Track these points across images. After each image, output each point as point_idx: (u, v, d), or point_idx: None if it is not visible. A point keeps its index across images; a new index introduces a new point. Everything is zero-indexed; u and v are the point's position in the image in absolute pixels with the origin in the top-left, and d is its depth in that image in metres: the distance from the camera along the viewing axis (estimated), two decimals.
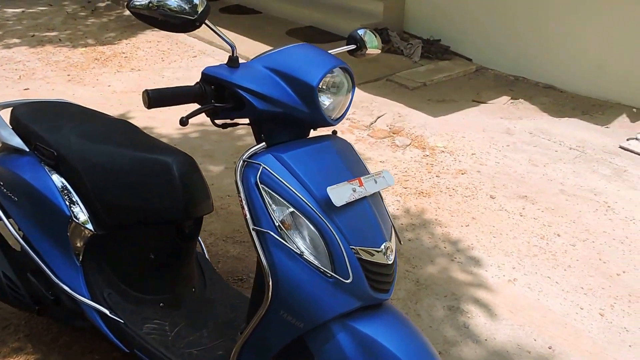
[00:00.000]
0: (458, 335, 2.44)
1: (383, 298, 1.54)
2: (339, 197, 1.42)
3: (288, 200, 1.43)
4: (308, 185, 1.45)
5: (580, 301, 2.70)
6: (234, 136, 4.32)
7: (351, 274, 1.43)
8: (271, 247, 1.43)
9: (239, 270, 2.87)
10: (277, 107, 1.48)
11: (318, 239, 1.44)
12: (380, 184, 1.54)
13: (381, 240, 1.51)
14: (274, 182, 1.44)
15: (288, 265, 1.43)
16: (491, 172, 3.91)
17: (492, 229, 3.23)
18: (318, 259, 1.43)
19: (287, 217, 1.43)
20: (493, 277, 2.83)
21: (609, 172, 4.03)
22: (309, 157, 1.52)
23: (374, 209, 1.55)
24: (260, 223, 1.43)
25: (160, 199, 1.93)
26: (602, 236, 3.23)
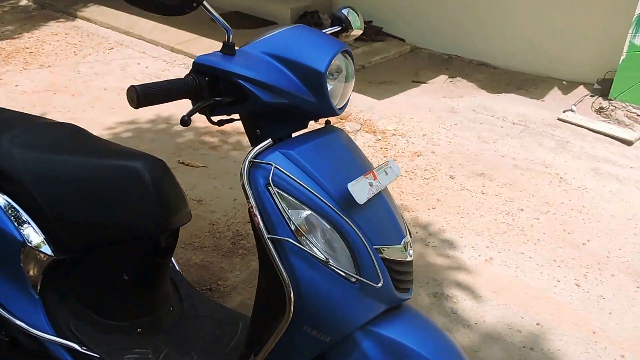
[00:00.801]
0: (448, 323, 2.40)
1: (406, 298, 1.45)
2: (360, 193, 1.30)
3: (304, 201, 1.29)
4: (323, 184, 1.31)
5: (555, 274, 2.73)
6: (172, 133, 4.07)
7: (381, 277, 1.31)
8: (290, 256, 1.28)
9: (205, 279, 2.69)
10: (283, 98, 1.32)
11: (340, 242, 1.31)
12: (390, 176, 1.44)
13: (401, 236, 1.41)
14: (287, 182, 1.29)
15: (311, 275, 1.29)
16: (445, 152, 3.91)
17: (459, 209, 3.22)
18: (342, 264, 1.31)
19: (304, 221, 1.29)
20: (470, 258, 2.82)
21: (554, 144, 4.14)
22: (319, 151, 1.38)
23: (389, 203, 1.44)
24: (276, 230, 1.28)
25: (131, 211, 1.68)
26: (561, 207, 3.30)
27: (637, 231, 3.10)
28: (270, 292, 1.43)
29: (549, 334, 2.36)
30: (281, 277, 1.29)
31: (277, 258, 1.28)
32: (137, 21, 6.29)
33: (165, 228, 1.75)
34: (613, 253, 2.91)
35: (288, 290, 1.29)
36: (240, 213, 3.12)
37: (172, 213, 1.75)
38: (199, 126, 4.14)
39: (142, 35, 6.06)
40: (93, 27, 6.25)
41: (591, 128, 4.38)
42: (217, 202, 3.24)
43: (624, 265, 2.82)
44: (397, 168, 1.47)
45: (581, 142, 4.19)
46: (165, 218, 1.71)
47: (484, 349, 2.27)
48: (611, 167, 3.83)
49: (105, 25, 6.39)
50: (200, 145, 3.92)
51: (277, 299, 1.35)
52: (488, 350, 2.26)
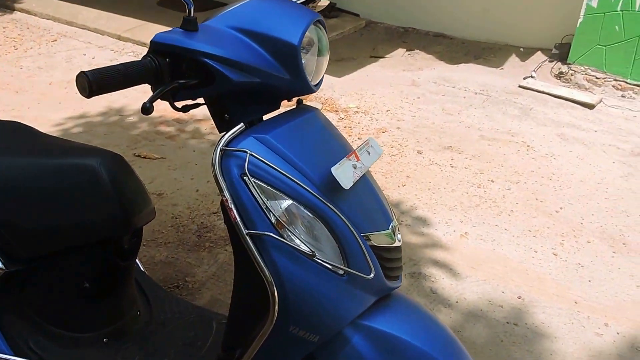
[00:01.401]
0: (429, 303, 2.31)
1: (396, 286, 1.34)
2: (345, 177, 1.17)
3: (284, 190, 1.16)
4: (304, 169, 1.18)
5: (532, 244, 2.68)
6: (126, 125, 3.86)
7: (372, 267, 1.20)
8: (272, 251, 1.15)
9: (172, 276, 2.53)
10: (254, 76, 1.17)
11: (325, 232, 1.19)
12: (373, 155, 1.32)
13: (388, 221, 1.30)
14: (265, 171, 1.15)
15: (296, 271, 1.17)
16: (411, 127, 3.82)
17: (429, 185, 3.14)
18: (328, 256, 1.18)
19: (285, 212, 1.16)
20: (445, 234, 2.74)
21: (517, 112, 4.10)
22: (297, 134, 1.25)
23: (374, 186, 1.33)
24: (255, 224, 1.15)
25: (89, 213, 1.54)
26: (531, 176, 3.26)
27: (607, 195, 3.09)
28: (249, 292, 1.30)
29: (531, 307, 2.31)
30: (263, 275, 1.16)
31: (258, 255, 1.15)
32: (79, 10, 5.96)
33: (127, 229, 1.61)
34: (587, 219, 2.88)
35: (271, 289, 1.16)
36: (204, 204, 2.96)
37: (134, 212, 1.60)
38: (153, 116, 3.93)
39: (86, 24, 5.74)
40: (33, 19, 5.88)
41: (552, 93, 4.36)
42: (179, 195, 3.07)
43: (599, 231, 2.79)
44: (379, 147, 1.35)
45: (544, 108, 4.17)
46: (127, 218, 1.57)
47: (467, 328, 2.20)
48: (576, 131, 3.81)
49: (45, 17, 6.03)
50: (156, 136, 3.72)
51: (258, 298, 1.22)
52: (472, 329, 2.19)
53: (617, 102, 4.23)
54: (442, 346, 1.31)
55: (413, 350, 1.25)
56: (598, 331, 2.20)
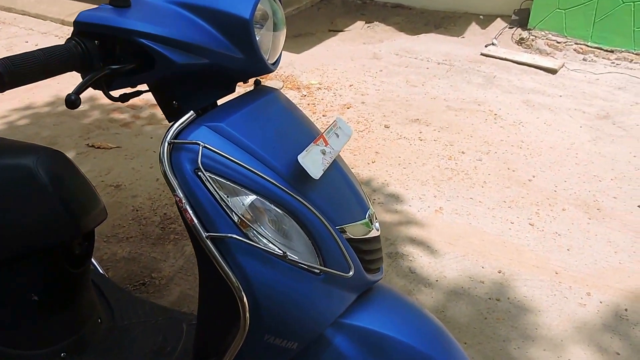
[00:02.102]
0: (409, 284, 2.23)
1: (378, 279, 1.24)
2: (314, 165, 1.04)
3: (246, 184, 1.02)
4: (266, 159, 1.05)
5: (508, 216, 2.62)
6: (76, 114, 3.62)
7: (352, 263, 1.09)
8: (238, 255, 1.02)
9: (136, 273, 2.38)
10: (202, 57, 1.02)
11: (295, 228, 1.06)
12: (342, 138, 1.19)
13: (365, 209, 1.19)
14: (222, 163, 1.01)
15: (266, 274, 1.04)
16: (375, 101, 3.71)
17: (399, 160, 3.04)
18: (302, 255, 1.06)
19: (248, 209, 1.03)
20: (419, 210, 2.65)
21: (481, 80, 4.04)
22: (256, 119, 1.11)
23: (346, 171, 1.21)
24: (216, 226, 1.01)
25: (28, 219, 1.37)
26: (501, 145, 3.20)
27: (578, 160, 3.05)
28: (217, 297, 1.17)
29: (513, 281, 2.25)
30: (229, 281, 1.02)
31: (222, 259, 1.01)
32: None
33: (75, 233, 1.44)
34: (560, 186, 2.83)
35: (240, 296, 1.03)
36: (166, 194, 2.79)
37: (82, 213, 1.43)
38: (105, 103, 3.71)
39: (26, 10, 5.40)
40: None
41: (515, 60, 4.31)
42: (138, 185, 2.89)
43: (573, 198, 2.75)
44: (348, 127, 1.23)
45: (507, 75, 4.11)
46: (73, 221, 1.40)
47: (449, 307, 2.12)
48: (541, 97, 3.77)
49: None
50: (110, 124, 3.51)
51: (226, 305, 1.09)
52: (454, 307, 2.12)
53: (579, 66, 4.21)
54: (430, 339, 1.22)
55: (399, 345, 1.16)
56: (581, 301, 2.15)
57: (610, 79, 4.01)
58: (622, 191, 2.79)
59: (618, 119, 3.46)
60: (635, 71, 4.08)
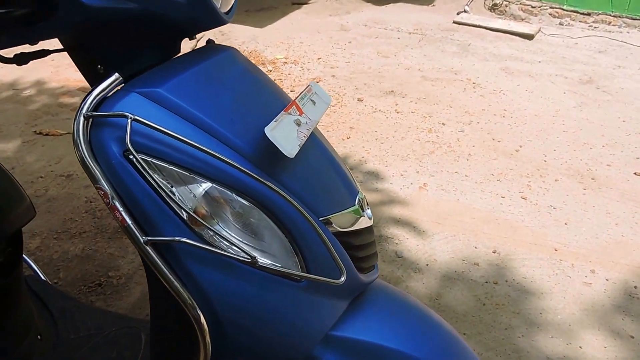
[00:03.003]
0: (397, 270, 1.99)
1: (372, 279, 0.99)
2: (287, 140, 0.78)
3: (197, 168, 0.75)
4: (223, 134, 0.78)
5: (498, 190, 2.41)
6: (22, 99, 3.27)
7: (343, 266, 0.84)
8: (190, 263, 0.75)
9: (91, 272, 2.08)
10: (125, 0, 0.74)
11: (268, 224, 0.80)
12: (320, 106, 0.93)
13: (353, 193, 0.93)
14: (161, 142, 0.73)
15: (230, 286, 0.77)
16: (346, 74, 3.45)
17: (376, 135, 2.80)
18: (278, 258, 0.80)
19: (202, 201, 0.75)
20: (401, 188, 2.41)
21: (456, 48, 3.82)
22: (207, 83, 0.82)
23: (327, 147, 0.95)
24: (158, 227, 0.73)
25: None
26: (483, 115, 2.98)
27: (566, 128, 2.86)
28: (171, 315, 0.90)
29: (509, 262, 2.04)
30: (180, 299, 0.75)
31: (168, 271, 0.74)
32: None
33: None
34: (549, 155, 2.63)
35: (196, 316, 0.76)
36: None
37: (4, 213, 1.15)
38: (54, 87, 3.35)
39: None
40: None
41: (489, 27, 4.10)
42: None
43: (564, 167, 2.55)
44: (326, 94, 0.97)
45: (482, 42, 3.90)
46: None
47: (443, 294, 1.90)
48: (519, 64, 3.57)
49: None
50: (59, 109, 3.16)
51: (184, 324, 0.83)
52: (449, 294, 1.89)
53: (555, 31, 4.02)
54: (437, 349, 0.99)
55: (393, 355, 0.92)
56: (586, 280, 1.95)
57: (590, 42, 3.83)
58: (615, 158, 2.61)
59: (602, 83, 3.28)
60: (614, 34, 3.91)
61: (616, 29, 3.92)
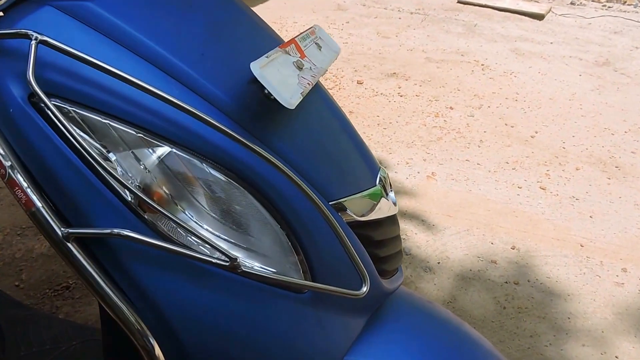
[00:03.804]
0: (404, 269, 1.77)
1: (397, 285, 0.77)
2: (283, 85, 0.55)
3: (148, 124, 0.51)
4: (189, 74, 0.54)
5: (513, 179, 2.18)
6: None
7: (365, 271, 0.61)
8: (136, 268, 0.52)
9: (58, 273, 1.84)
10: None
11: (255, 211, 0.57)
12: (327, 53, 0.71)
13: (373, 170, 0.71)
14: (88, 83, 0.49)
15: (198, 302, 0.55)
16: (344, 55, 3.20)
17: (378, 120, 2.56)
18: (269, 259, 0.58)
19: (159, 174, 0.52)
20: (407, 177, 2.18)
21: (461, 29, 3.58)
22: (164, 3, 0.58)
23: (338, 110, 0.73)
24: (86, 214, 0.50)
25: None
26: (494, 98, 2.75)
27: (584, 112, 2.63)
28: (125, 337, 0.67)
29: (531, 259, 1.82)
30: (123, 324, 0.52)
31: (102, 281, 0.51)
32: None
33: None
34: (568, 142, 2.41)
35: (148, 348, 0.52)
36: None
37: None
38: None
39: None
40: None
41: (496, 7, 3.87)
42: None
43: (585, 154, 2.33)
44: (334, 42, 0.74)
45: (490, 23, 3.66)
46: None
47: (458, 296, 1.68)
48: (530, 45, 3.33)
49: None
50: None
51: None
52: (464, 297, 1.67)
53: (567, 10, 3.79)
54: None
55: None
56: (617, 280, 1.73)
57: (604, 23, 3.60)
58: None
59: (620, 65, 3.06)
60: (630, 14, 3.68)
61: (632, 9, 3.69)
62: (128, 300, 0.50)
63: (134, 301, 0.51)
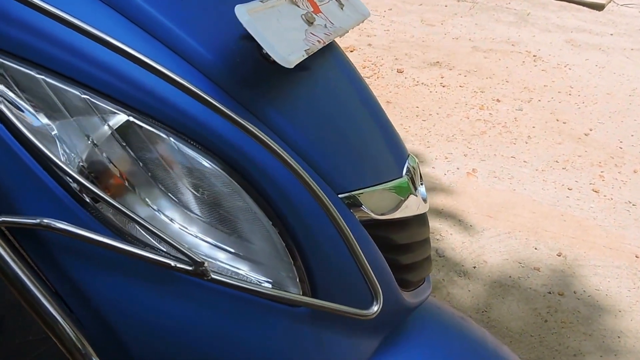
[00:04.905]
0: (437, 272, 1.62)
1: (422, 299, 0.64)
2: (279, 38, 0.42)
3: (97, 82, 0.39)
4: (159, 22, 0.42)
5: (563, 180, 2.00)
6: None
7: (376, 284, 0.48)
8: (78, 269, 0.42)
9: None
10: None
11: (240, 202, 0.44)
12: (351, 14, 0.59)
13: (400, 157, 0.58)
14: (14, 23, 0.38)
15: (158, 315, 0.44)
16: (385, 43, 3.05)
17: (417, 110, 2.41)
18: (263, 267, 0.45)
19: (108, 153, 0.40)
20: (446, 173, 2.03)
21: (513, 18, 3.37)
22: None
23: (362, 81, 0.60)
24: (11, 199, 0.39)
25: None
26: (545, 92, 2.56)
27: None
28: None
29: (578, 268, 1.64)
30: (58, 339, 0.41)
31: (32, 284, 0.40)
32: None
33: None
34: (626, 142, 2.21)
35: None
36: None
37: None
38: None
39: None
40: None
41: None
42: None
43: None
44: (362, 4, 0.62)
45: (544, 12, 3.44)
46: None
47: (494, 305, 1.52)
48: (588, 36, 3.11)
49: None
50: None
51: None
52: (501, 306, 1.52)
53: (630, 0, 3.53)
54: None
55: None
56: None
57: None
58: None
59: None
60: None
61: None
62: (67, 308, 0.40)
63: (73, 309, 0.40)
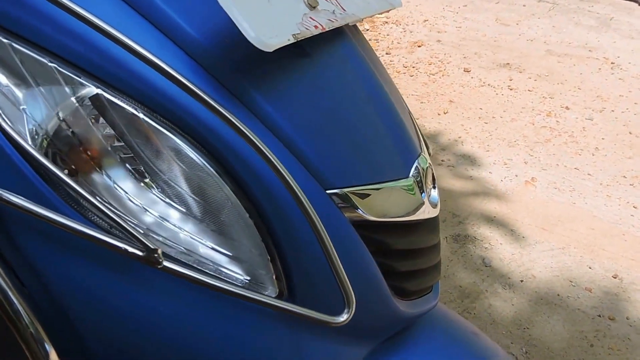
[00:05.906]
0: (479, 281, 1.57)
1: (424, 309, 0.61)
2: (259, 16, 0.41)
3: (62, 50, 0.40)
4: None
5: (629, 197, 1.89)
6: None
7: (350, 291, 0.46)
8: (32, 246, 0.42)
9: None
10: None
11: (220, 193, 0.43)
12: (374, 1, 0.55)
13: (409, 155, 0.55)
14: None
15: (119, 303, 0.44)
16: (455, 40, 2.97)
17: (480, 112, 2.33)
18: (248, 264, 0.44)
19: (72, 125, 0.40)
20: (503, 180, 1.96)
21: (594, 22, 3.19)
22: None
23: (373, 68, 0.57)
24: None
25: None
26: (620, 102, 2.41)
27: None
28: None
29: (635, 293, 1.55)
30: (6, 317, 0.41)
31: None
32: None
33: None
34: None
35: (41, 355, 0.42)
36: None
37: None
38: None
39: None
40: None
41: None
42: None
43: None
44: None
45: (629, 17, 3.25)
46: None
47: (537, 322, 1.46)
48: None
49: None
50: None
51: None
52: (544, 324, 1.45)
53: None
54: None
55: None
56: None
57: None
58: None
59: None
60: None
61: None
62: (19, 283, 0.40)
63: (27, 285, 0.40)
